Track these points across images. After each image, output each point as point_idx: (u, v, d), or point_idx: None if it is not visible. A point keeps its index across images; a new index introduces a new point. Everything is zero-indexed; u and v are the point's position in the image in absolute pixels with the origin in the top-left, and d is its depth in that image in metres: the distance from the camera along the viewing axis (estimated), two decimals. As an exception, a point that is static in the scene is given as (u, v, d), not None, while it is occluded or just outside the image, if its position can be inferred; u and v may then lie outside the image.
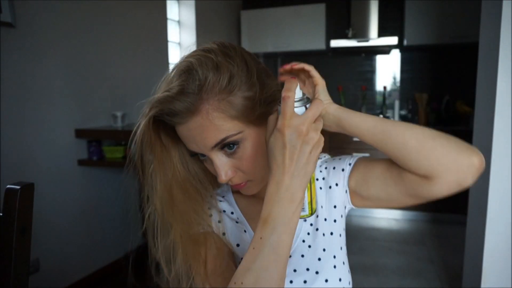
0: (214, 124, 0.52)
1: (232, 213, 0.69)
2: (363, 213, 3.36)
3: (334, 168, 0.68)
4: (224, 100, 0.52)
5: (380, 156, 0.64)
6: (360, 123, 0.56)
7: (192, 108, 0.51)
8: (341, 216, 0.68)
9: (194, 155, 0.58)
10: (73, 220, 2.09)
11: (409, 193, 0.58)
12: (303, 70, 0.62)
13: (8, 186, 0.63)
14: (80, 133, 2.10)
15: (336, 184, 0.67)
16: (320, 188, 0.68)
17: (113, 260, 2.34)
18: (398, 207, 0.65)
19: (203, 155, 0.57)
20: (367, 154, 3.21)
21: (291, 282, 0.61)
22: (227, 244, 0.65)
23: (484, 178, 1.62)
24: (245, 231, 0.66)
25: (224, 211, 0.69)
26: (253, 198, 0.67)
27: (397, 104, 3.54)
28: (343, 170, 0.67)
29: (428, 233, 2.95)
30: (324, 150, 0.76)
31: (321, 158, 0.73)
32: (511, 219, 1.57)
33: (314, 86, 0.61)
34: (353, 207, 0.69)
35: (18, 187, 0.63)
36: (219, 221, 0.66)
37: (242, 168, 0.56)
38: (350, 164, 0.66)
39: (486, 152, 1.60)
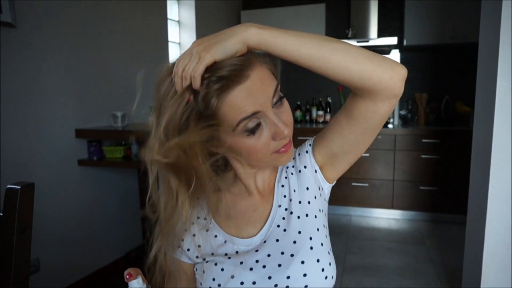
0: (269, 71, 0.59)
1: (204, 218, 0.70)
2: (363, 213, 3.36)
3: (299, 154, 0.72)
4: (265, 61, 0.59)
5: (380, 162, 0.65)
6: (292, 51, 0.54)
7: (250, 60, 0.55)
8: (315, 197, 0.69)
9: (248, 131, 0.56)
10: (73, 220, 2.09)
11: (363, 127, 0.62)
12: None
13: (8, 186, 0.63)
14: (80, 133, 2.10)
15: (305, 167, 0.70)
16: (292, 173, 0.71)
17: (113, 260, 2.34)
18: (364, 150, 0.68)
19: (257, 123, 0.56)
20: (366, 155, 3.22)
21: (264, 267, 0.62)
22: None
23: (484, 178, 1.62)
24: (216, 236, 0.68)
25: (198, 217, 0.70)
26: (229, 198, 0.70)
27: (397, 104, 3.54)
28: (306, 152, 0.71)
29: (428, 233, 2.95)
30: None
31: None
32: (511, 219, 1.57)
33: None
34: (330, 184, 0.72)
35: (18, 187, 0.63)
36: (193, 235, 0.68)
37: (287, 121, 0.59)
38: (310, 145, 0.71)
39: (486, 152, 1.60)
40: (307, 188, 0.70)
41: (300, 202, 0.68)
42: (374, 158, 3.23)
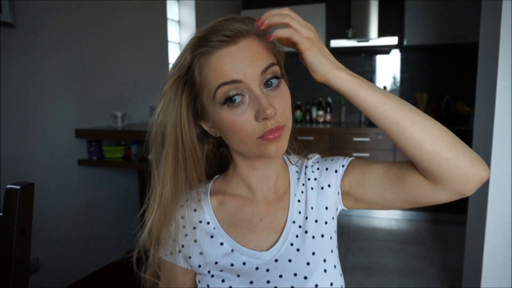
0: (264, 47, 0.55)
1: (208, 223, 0.65)
2: (363, 213, 3.36)
3: (326, 169, 0.66)
4: (267, 41, 0.55)
5: (378, 158, 0.64)
6: (372, 107, 0.51)
7: (244, 30, 0.53)
8: (333, 218, 0.65)
9: (228, 100, 0.53)
10: (73, 220, 2.09)
11: (408, 198, 0.57)
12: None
13: (8, 186, 0.63)
14: (80, 133, 2.10)
15: (329, 186, 0.65)
16: (312, 188, 0.66)
17: (113, 260, 2.34)
18: (390, 209, 0.65)
19: (238, 96, 0.53)
20: (367, 155, 3.22)
21: None
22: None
23: (484, 178, 1.61)
24: (221, 243, 0.63)
25: (200, 221, 0.65)
26: (233, 203, 0.65)
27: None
28: (336, 171, 0.65)
29: (428, 233, 2.95)
30: (323, 150, 0.76)
31: (311, 158, 0.70)
32: (511, 219, 1.57)
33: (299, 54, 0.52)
34: (344, 208, 0.67)
35: (18, 187, 0.63)
36: (195, 241, 0.64)
37: (280, 107, 0.54)
38: (343, 166, 0.65)
39: (486, 152, 1.60)
40: (326, 208, 0.65)
41: (316, 221, 0.64)
42: (374, 158, 3.23)
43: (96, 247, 2.24)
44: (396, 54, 3.72)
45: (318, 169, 0.67)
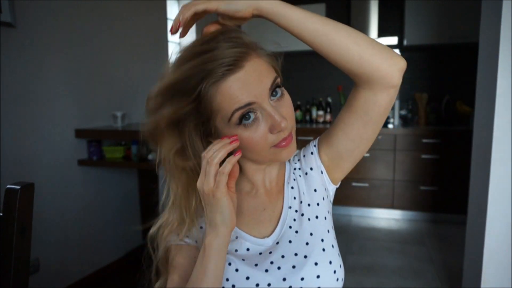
0: (265, 62, 0.58)
1: None
2: (363, 213, 3.36)
3: (304, 156, 0.72)
4: (264, 54, 0.60)
5: (380, 162, 0.65)
6: (299, 22, 0.56)
7: (244, 53, 0.56)
8: (323, 198, 0.70)
9: (242, 119, 0.56)
10: (73, 220, 2.09)
11: (363, 119, 0.62)
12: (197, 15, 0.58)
13: (8, 186, 0.63)
14: (80, 133, 2.10)
15: (311, 169, 0.70)
16: (300, 176, 0.71)
17: (113, 260, 2.34)
18: (367, 147, 0.67)
19: (249, 116, 0.56)
20: (366, 155, 3.22)
21: (279, 268, 0.62)
22: None
23: (484, 178, 1.62)
24: (236, 237, 0.65)
25: None
26: (237, 197, 0.67)
27: (397, 104, 3.54)
28: (312, 153, 0.71)
29: (428, 233, 2.95)
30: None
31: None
32: (511, 219, 1.57)
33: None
34: (335, 185, 0.72)
35: (18, 187, 0.63)
36: (201, 227, 0.67)
37: (288, 115, 0.59)
38: (315, 146, 0.71)
39: (486, 152, 1.60)
40: (315, 190, 0.70)
41: (309, 204, 0.69)
42: (374, 158, 3.23)
43: (96, 247, 2.24)
44: (396, 54, 3.71)
45: (299, 160, 0.73)
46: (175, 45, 3.27)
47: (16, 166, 1.76)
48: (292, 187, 0.71)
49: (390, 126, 3.36)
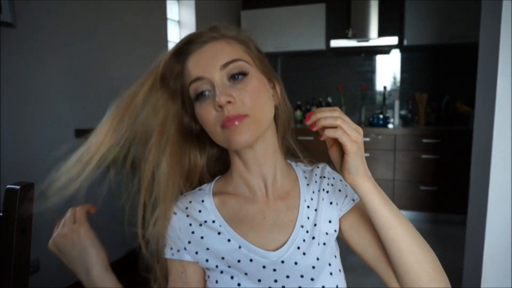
0: (232, 47, 0.61)
1: (213, 221, 0.66)
2: (363, 213, 3.36)
3: (339, 190, 0.69)
4: (243, 41, 0.64)
5: (380, 162, 0.66)
6: (384, 224, 0.56)
7: (214, 36, 0.62)
8: (335, 230, 0.67)
9: (199, 96, 0.61)
10: (73, 220, 2.09)
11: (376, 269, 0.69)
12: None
13: (8, 186, 0.63)
14: (80, 133, 2.09)
15: (337, 204, 0.68)
16: (323, 199, 0.68)
17: (113, 260, 2.34)
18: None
19: (206, 91, 0.60)
20: (366, 155, 3.22)
21: (283, 287, 0.60)
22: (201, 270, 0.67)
23: (484, 178, 1.62)
24: (229, 240, 0.64)
25: (205, 221, 0.66)
26: (234, 202, 0.67)
27: (397, 104, 3.54)
28: (346, 196, 0.68)
29: (428, 233, 2.95)
30: (323, 150, 0.77)
31: (318, 167, 0.73)
32: (511, 219, 1.57)
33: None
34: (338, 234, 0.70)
35: (18, 187, 0.63)
36: (201, 237, 0.65)
37: (244, 98, 0.58)
38: (353, 200, 0.68)
39: (486, 152, 1.60)
40: (330, 222, 0.67)
41: (321, 230, 0.66)
42: (374, 158, 3.23)
43: (96, 247, 2.24)
44: (396, 54, 3.72)
45: (332, 185, 0.70)
46: (175, 45, 3.27)
47: (16, 166, 1.75)
48: (308, 206, 0.67)
49: (390, 126, 3.36)
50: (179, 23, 3.32)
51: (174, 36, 3.26)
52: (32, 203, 0.65)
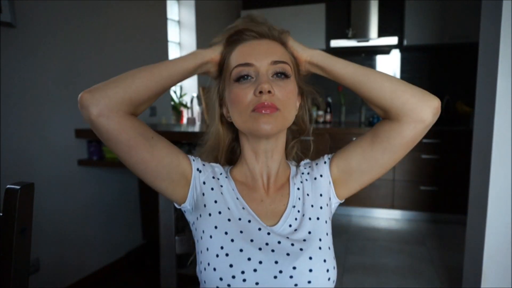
0: (284, 51, 0.70)
1: (232, 189, 0.73)
2: (363, 213, 3.36)
3: (316, 164, 0.76)
4: (291, 52, 0.73)
5: None
6: (342, 69, 0.68)
7: (271, 35, 0.70)
8: (326, 205, 0.72)
9: (240, 78, 0.67)
10: (73, 220, 2.09)
11: (384, 146, 0.67)
12: None
13: (8, 186, 0.63)
14: (80, 133, 2.10)
15: (321, 175, 0.74)
16: (306, 180, 0.75)
17: (113, 260, 2.34)
18: (380, 174, 0.72)
19: (250, 76, 0.66)
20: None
21: (272, 251, 0.63)
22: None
23: (484, 178, 1.62)
24: (237, 198, 0.71)
25: (222, 180, 0.74)
26: (241, 185, 0.74)
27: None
28: (324, 162, 0.75)
29: (428, 233, 2.95)
30: (323, 150, 0.80)
31: (304, 161, 0.81)
32: (511, 219, 1.57)
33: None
34: (339, 200, 0.75)
35: (18, 187, 0.63)
36: (221, 185, 0.72)
37: (281, 94, 0.65)
38: (329, 157, 0.75)
39: (486, 152, 1.60)
40: (321, 195, 0.73)
41: (312, 206, 0.71)
42: (374, 158, 3.23)
43: (96, 247, 2.24)
44: (396, 54, 3.72)
45: (310, 166, 0.78)
46: (175, 45, 3.27)
47: (16, 166, 1.76)
48: (298, 188, 0.73)
49: (390, 126, 3.36)
50: (179, 23, 3.32)
51: (174, 36, 3.26)
52: (32, 203, 0.65)
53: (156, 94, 0.66)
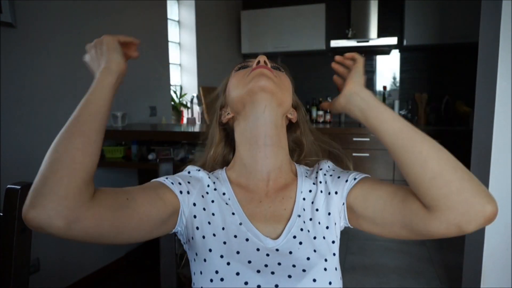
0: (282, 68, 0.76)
1: (224, 193, 0.68)
2: (363, 213, 3.36)
3: (338, 177, 0.68)
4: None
5: (380, 162, 0.65)
6: (387, 121, 0.57)
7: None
8: (335, 224, 0.66)
9: (241, 67, 0.73)
10: (73, 220, 2.09)
11: (405, 223, 0.57)
12: (351, 59, 0.66)
13: (8, 186, 0.63)
14: (80, 133, 2.09)
15: (336, 193, 0.67)
16: (321, 191, 0.68)
17: (113, 260, 2.34)
18: (390, 236, 0.63)
19: (249, 66, 0.71)
20: (366, 155, 3.22)
21: (272, 273, 0.59)
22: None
23: (484, 178, 1.62)
24: (233, 213, 0.65)
25: (219, 191, 0.68)
26: (239, 188, 0.69)
27: (397, 104, 3.54)
28: (346, 181, 0.66)
29: (428, 233, 2.95)
30: (323, 150, 0.79)
31: (326, 162, 0.74)
32: (511, 219, 1.57)
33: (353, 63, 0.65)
34: (349, 225, 0.69)
35: (18, 187, 0.63)
36: (212, 201, 0.67)
37: (277, 79, 0.68)
38: (355, 179, 0.66)
39: (486, 152, 1.60)
40: (329, 214, 0.66)
41: (319, 223, 0.65)
42: (374, 158, 3.23)
43: (96, 247, 2.24)
44: (396, 54, 3.72)
45: (331, 175, 0.70)
46: (175, 45, 3.27)
47: (16, 166, 1.76)
48: (304, 198, 0.68)
49: (390, 126, 3.36)
50: (179, 23, 3.32)
51: (174, 36, 3.26)
52: (32, 203, 0.65)
53: (100, 144, 0.57)
